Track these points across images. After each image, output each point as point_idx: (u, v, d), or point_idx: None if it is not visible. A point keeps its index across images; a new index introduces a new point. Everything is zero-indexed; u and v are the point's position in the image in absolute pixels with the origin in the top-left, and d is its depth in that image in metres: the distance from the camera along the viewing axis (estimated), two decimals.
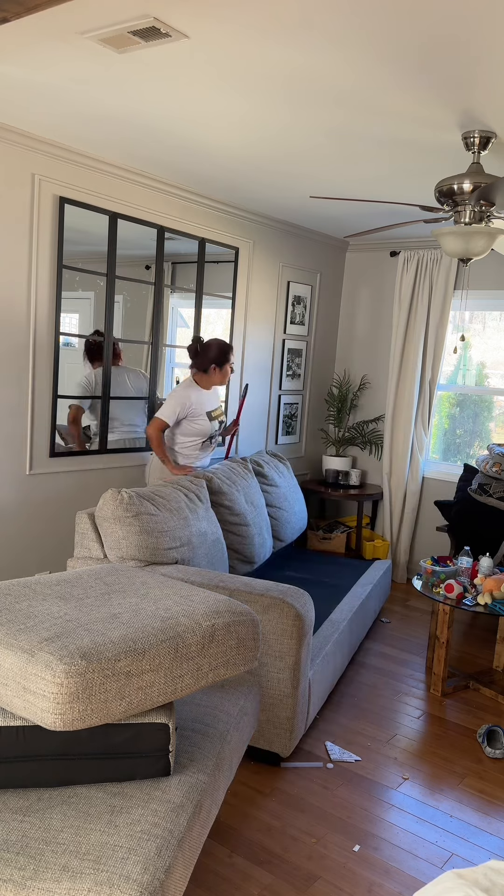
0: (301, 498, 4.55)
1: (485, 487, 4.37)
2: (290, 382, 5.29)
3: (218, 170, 3.71)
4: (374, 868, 2.24)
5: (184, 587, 2.03)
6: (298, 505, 4.44)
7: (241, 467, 3.92)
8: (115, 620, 1.73)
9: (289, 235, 5.03)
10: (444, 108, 2.66)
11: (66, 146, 3.47)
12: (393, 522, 5.29)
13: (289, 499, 4.31)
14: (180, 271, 4.27)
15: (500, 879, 1.19)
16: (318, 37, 2.15)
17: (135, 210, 3.92)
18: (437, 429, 5.34)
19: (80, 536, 3.03)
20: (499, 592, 3.32)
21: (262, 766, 2.72)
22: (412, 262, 5.07)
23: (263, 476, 4.15)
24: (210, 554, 3.16)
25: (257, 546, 3.66)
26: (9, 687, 1.57)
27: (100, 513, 2.91)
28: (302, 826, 2.41)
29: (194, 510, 3.18)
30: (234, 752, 2.02)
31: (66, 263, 3.62)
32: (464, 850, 2.36)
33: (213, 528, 3.25)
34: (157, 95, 2.74)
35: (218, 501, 3.51)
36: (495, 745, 2.97)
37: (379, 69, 2.35)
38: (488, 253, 4.26)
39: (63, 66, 2.51)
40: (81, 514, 3.03)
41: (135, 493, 2.96)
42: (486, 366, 5.10)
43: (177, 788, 1.70)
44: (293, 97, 2.65)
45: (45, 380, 3.63)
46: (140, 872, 1.44)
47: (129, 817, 1.59)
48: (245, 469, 3.93)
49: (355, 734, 3.03)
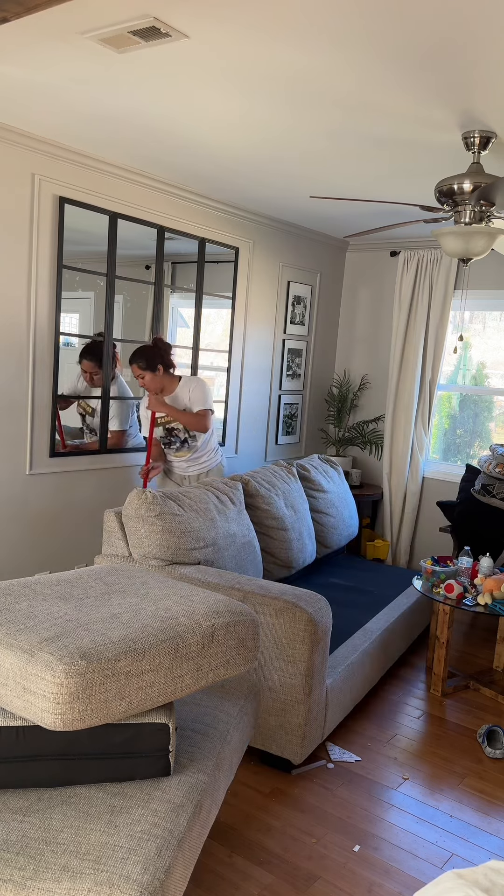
0: (351, 504, 4.43)
1: (488, 488, 4.37)
2: (290, 382, 5.28)
3: (218, 170, 3.71)
4: (374, 868, 2.23)
5: (184, 587, 2.03)
6: (348, 511, 4.33)
7: (285, 471, 3.87)
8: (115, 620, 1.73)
9: (289, 235, 5.03)
10: (445, 109, 2.66)
11: (66, 146, 3.47)
12: (393, 522, 5.29)
13: (337, 505, 4.21)
14: (180, 271, 4.27)
15: (500, 879, 1.19)
16: (319, 37, 2.15)
17: (135, 210, 3.92)
18: (436, 429, 5.34)
19: (107, 535, 3.08)
20: (499, 592, 3.32)
21: (273, 772, 2.72)
22: (412, 262, 5.07)
23: (309, 481, 4.08)
24: (239, 556, 3.17)
25: (296, 551, 3.63)
26: (9, 687, 1.57)
27: (125, 511, 2.96)
28: (302, 826, 2.41)
29: (223, 511, 3.18)
30: (234, 752, 2.02)
31: (66, 263, 3.62)
32: (464, 850, 2.36)
33: (243, 531, 3.25)
34: (157, 95, 2.74)
35: (254, 504, 3.50)
36: (495, 745, 2.97)
37: (379, 69, 2.35)
38: (488, 253, 4.26)
39: (63, 66, 2.51)
40: (109, 513, 3.08)
41: (160, 494, 2.98)
42: (486, 366, 5.10)
43: (177, 788, 1.70)
44: (293, 97, 2.65)
45: (45, 379, 3.63)
46: (140, 872, 1.44)
47: (129, 817, 1.59)
48: (289, 473, 3.88)
49: (355, 734, 3.03)
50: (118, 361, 3.98)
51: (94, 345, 3.83)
